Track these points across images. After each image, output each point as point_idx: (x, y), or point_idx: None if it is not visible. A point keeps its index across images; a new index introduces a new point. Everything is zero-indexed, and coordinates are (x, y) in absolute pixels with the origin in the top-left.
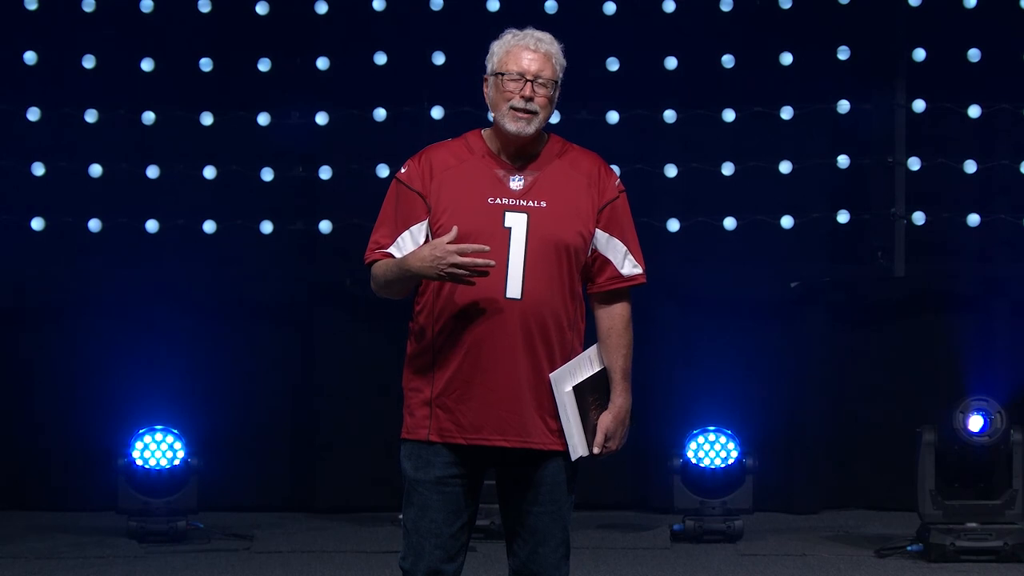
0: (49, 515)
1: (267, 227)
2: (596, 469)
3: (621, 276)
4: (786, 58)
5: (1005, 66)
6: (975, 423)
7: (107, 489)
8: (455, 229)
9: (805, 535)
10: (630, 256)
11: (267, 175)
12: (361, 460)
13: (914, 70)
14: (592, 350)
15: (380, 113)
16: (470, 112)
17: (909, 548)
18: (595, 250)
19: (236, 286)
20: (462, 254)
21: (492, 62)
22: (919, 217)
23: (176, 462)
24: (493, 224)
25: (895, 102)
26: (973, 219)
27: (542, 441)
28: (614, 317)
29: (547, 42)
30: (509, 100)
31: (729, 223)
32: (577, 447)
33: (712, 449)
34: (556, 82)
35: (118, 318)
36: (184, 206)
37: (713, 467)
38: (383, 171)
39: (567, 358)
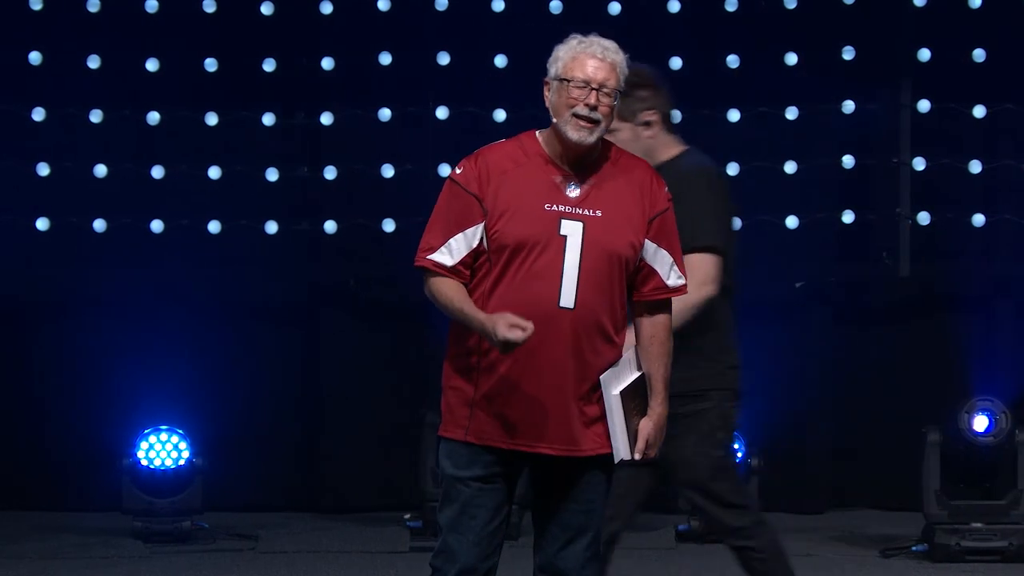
0: (54, 515)
1: (272, 227)
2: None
3: (666, 287)
4: (791, 58)
5: (1010, 66)
6: (980, 423)
7: (112, 489)
8: (530, 326)
9: (810, 535)
10: (675, 267)
11: (272, 175)
12: (366, 460)
13: (919, 70)
14: (631, 354)
15: (385, 113)
16: (475, 112)
17: (914, 548)
18: (642, 259)
19: (241, 286)
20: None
21: (556, 66)
22: (924, 217)
23: (181, 462)
24: (550, 231)
25: (900, 102)
26: (978, 219)
27: (584, 448)
28: (657, 326)
29: (613, 51)
30: (573, 107)
31: (734, 223)
32: (621, 450)
33: None
34: (620, 92)
35: (123, 318)
36: (189, 206)
37: None
38: (388, 171)
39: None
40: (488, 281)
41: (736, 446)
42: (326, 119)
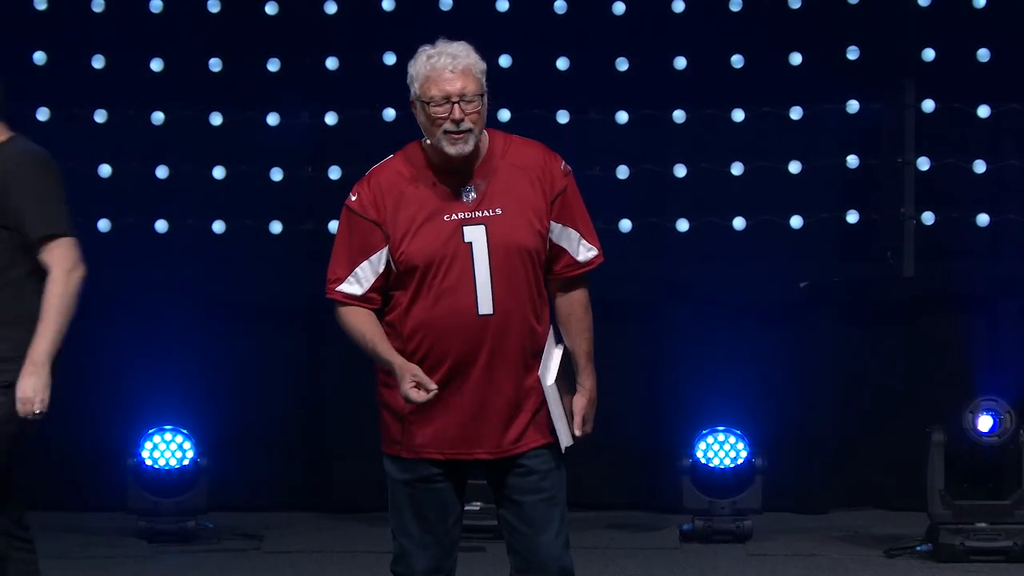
0: (58, 515)
1: (276, 227)
2: (604, 468)
3: (577, 263)
4: (795, 58)
5: (1015, 66)
6: (984, 423)
7: (116, 489)
8: (434, 390)
9: (814, 535)
10: (584, 241)
11: (276, 175)
12: (371, 459)
13: (923, 70)
14: (549, 336)
15: (390, 113)
16: None
17: (918, 548)
18: (550, 240)
19: (245, 286)
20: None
21: (414, 87)
22: (928, 217)
23: (185, 462)
24: (454, 242)
25: (904, 102)
26: (982, 219)
27: (518, 447)
28: (573, 303)
29: (463, 55)
30: (440, 126)
31: (738, 223)
32: (564, 438)
33: (721, 449)
34: (482, 94)
35: (127, 318)
36: (193, 206)
37: (722, 467)
38: None
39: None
40: (404, 300)
41: (740, 446)
42: (331, 119)
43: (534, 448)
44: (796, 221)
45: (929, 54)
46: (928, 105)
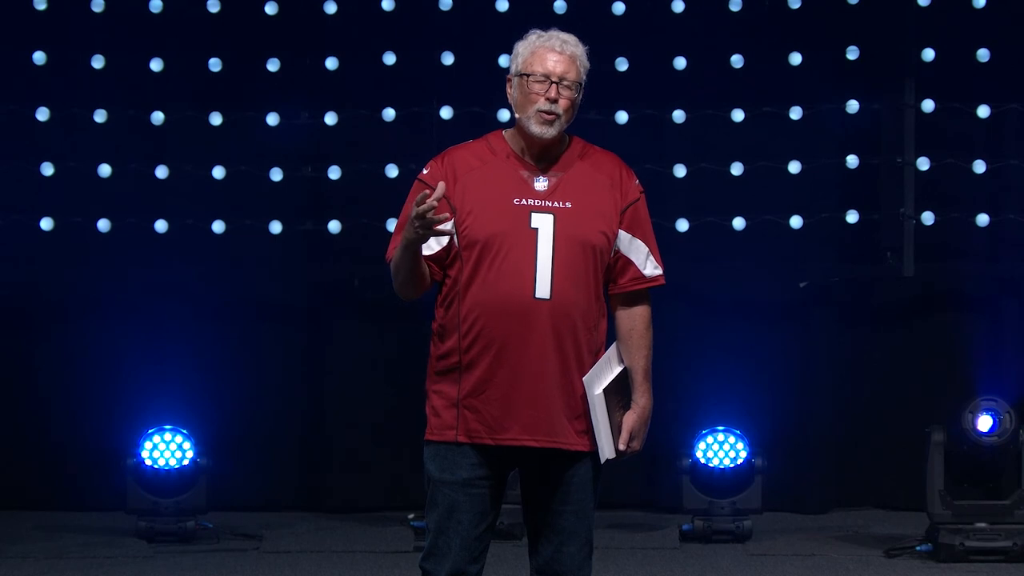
0: (58, 515)
1: (276, 227)
2: (604, 468)
3: (644, 277)
4: (795, 58)
5: (1014, 66)
6: (984, 423)
7: (116, 489)
8: (441, 185)
9: (814, 535)
10: (651, 257)
11: (276, 175)
12: (370, 460)
13: (923, 70)
14: (612, 351)
15: (389, 113)
16: (479, 112)
17: (918, 548)
18: (618, 251)
19: (245, 286)
20: (420, 204)
21: (516, 63)
22: (928, 217)
23: (185, 462)
24: (520, 225)
25: (904, 102)
26: (982, 219)
27: (570, 442)
28: (635, 318)
29: (572, 44)
30: (535, 102)
31: (738, 223)
32: (606, 449)
33: (721, 449)
34: (580, 84)
35: (127, 318)
36: (193, 206)
37: (722, 467)
38: (392, 171)
39: (594, 358)
40: (462, 278)
41: (740, 446)
42: (330, 119)
43: (576, 452)
44: (796, 221)
45: (929, 54)
46: (928, 105)
